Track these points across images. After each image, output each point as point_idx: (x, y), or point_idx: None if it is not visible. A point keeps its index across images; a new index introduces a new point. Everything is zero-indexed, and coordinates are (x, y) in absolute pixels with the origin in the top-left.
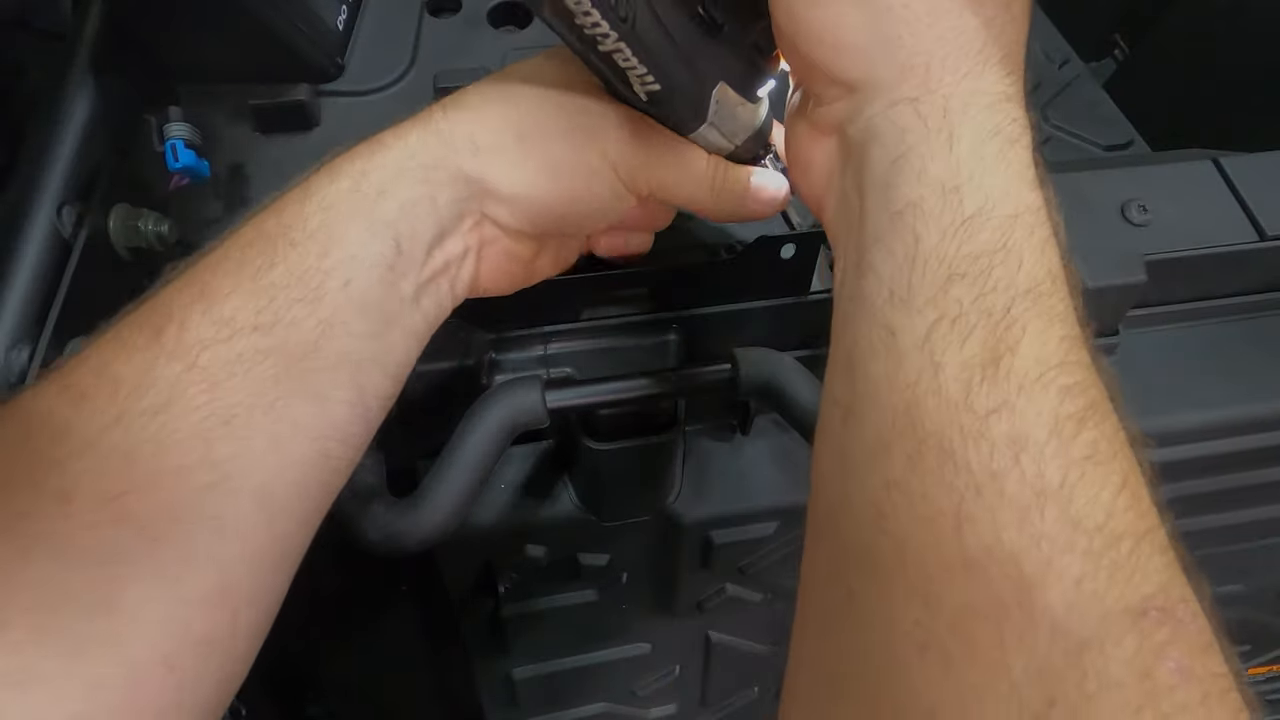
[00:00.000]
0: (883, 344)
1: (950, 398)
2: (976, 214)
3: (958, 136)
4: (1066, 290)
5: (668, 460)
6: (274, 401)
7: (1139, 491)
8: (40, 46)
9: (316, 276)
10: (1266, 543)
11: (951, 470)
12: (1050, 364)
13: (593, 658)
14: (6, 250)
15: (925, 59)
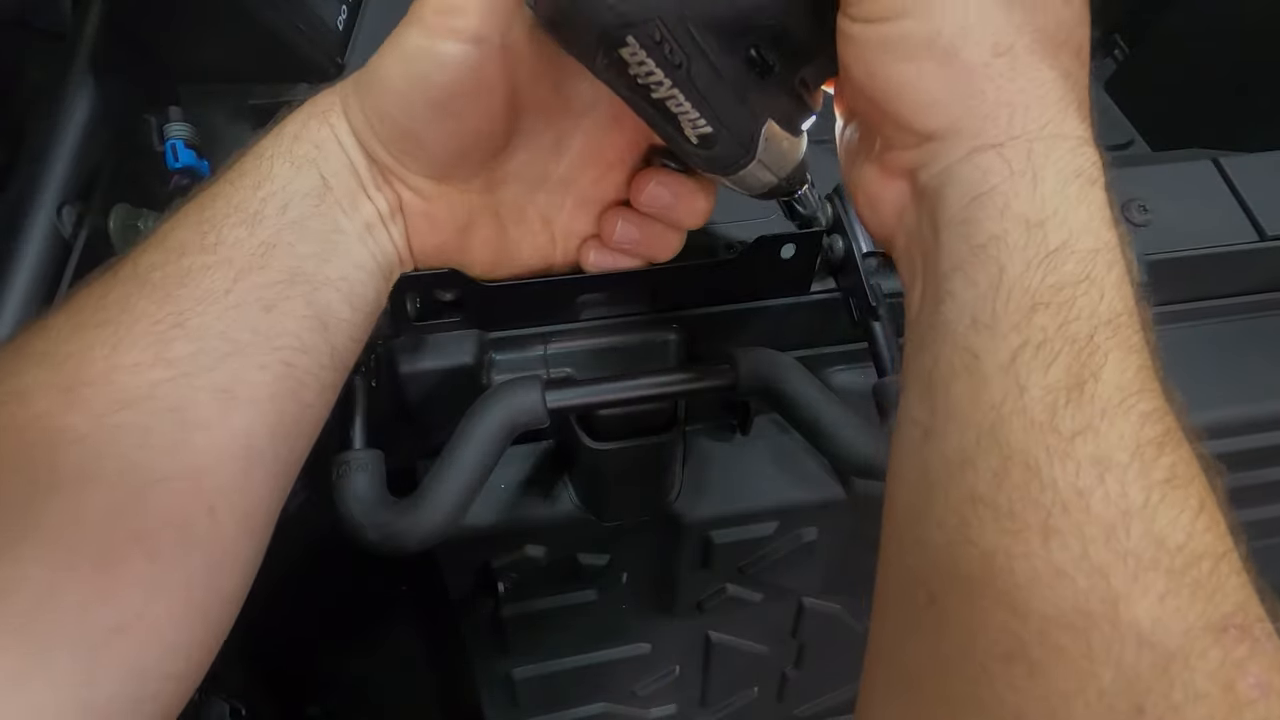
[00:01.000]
0: (965, 367)
1: (1035, 419)
2: (1060, 248)
3: (1042, 177)
4: (1140, 324)
5: (668, 460)
6: (227, 307)
7: (1215, 515)
8: (40, 46)
9: (254, 204)
10: (1266, 543)
11: (1038, 487)
12: (1130, 390)
13: (593, 658)
14: (6, 250)
15: (1009, 109)
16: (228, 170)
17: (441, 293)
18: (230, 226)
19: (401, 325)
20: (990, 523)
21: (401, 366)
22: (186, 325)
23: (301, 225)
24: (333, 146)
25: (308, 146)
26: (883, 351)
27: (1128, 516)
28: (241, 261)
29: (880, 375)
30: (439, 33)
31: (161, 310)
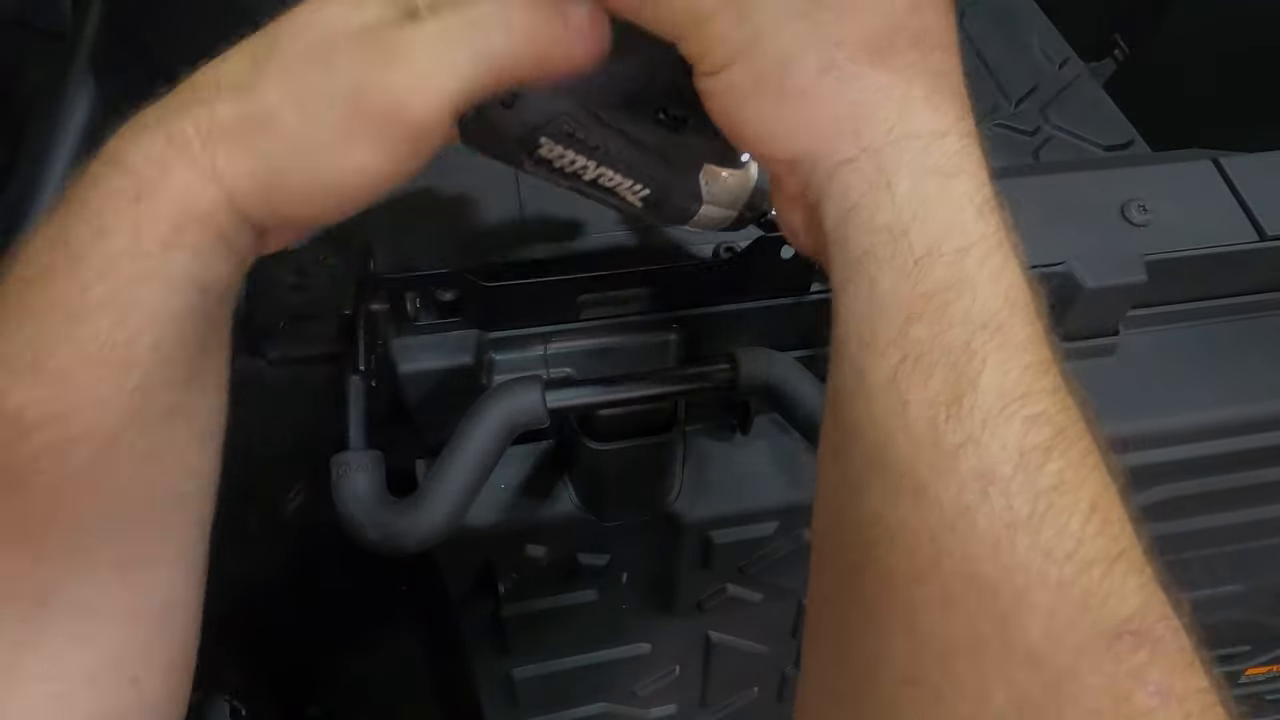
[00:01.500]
0: (856, 386)
1: (918, 436)
2: (927, 254)
3: (896, 184)
4: (1027, 315)
5: (668, 460)
6: (102, 479)
7: (1110, 514)
8: (40, 46)
9: (115, 351)
10: (1266, 543)
11: (926, 507)
12: (1013, 396)
13: (593, 658)
14: (6, 250)
15: (852, 123)
16: (70, 293)
17: (441, 293)
18: (90, 384)
19: (402, 325)
20: (885, 544)
21: (401, 366)
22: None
23: (178, 355)
24: (222, 250)
25: (184, 260)
26: None
27: (1013, 530)
28: (106, 428)
29: None
30: (395, 157)
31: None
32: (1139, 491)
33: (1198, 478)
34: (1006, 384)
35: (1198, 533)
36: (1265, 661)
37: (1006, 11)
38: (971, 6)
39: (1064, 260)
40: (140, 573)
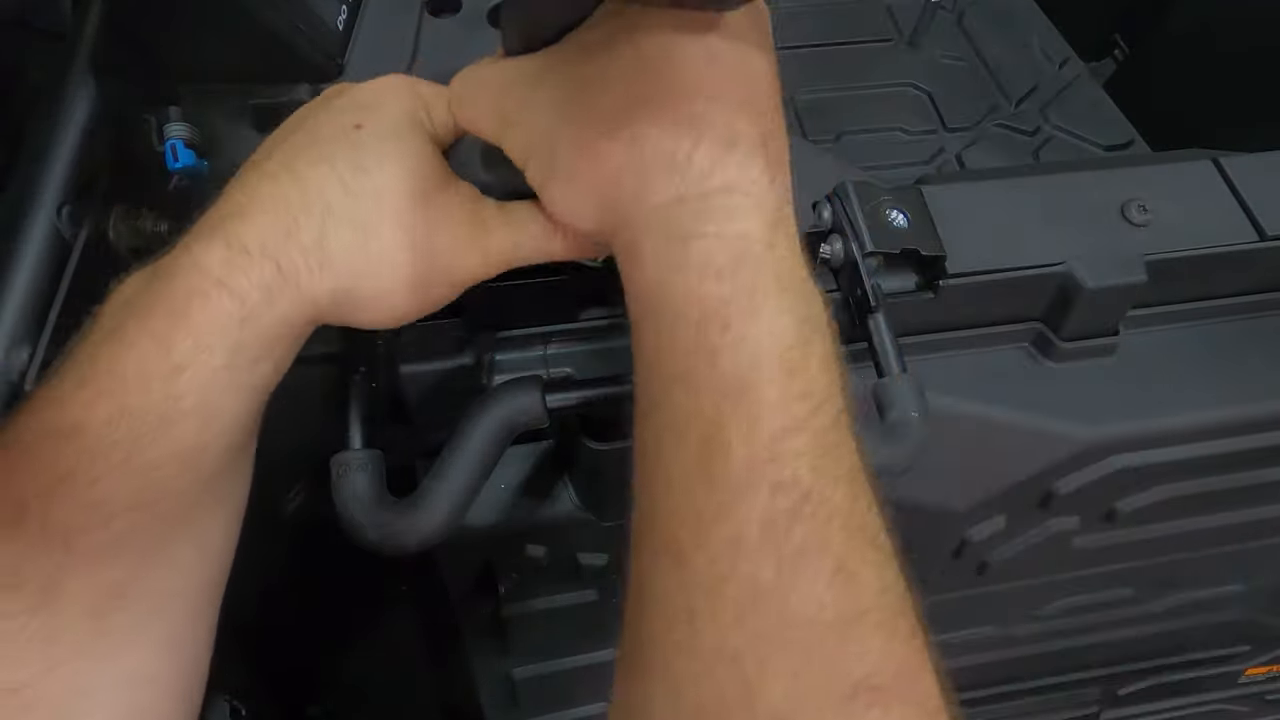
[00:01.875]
0: (637, 450)
1: (677, 504)
2: (675, 320)
3: (644, 255)
4: (777, 374)
5: None
6: (163, 562)
7: (857, 572)
8: (40, 46)
9: (197, 451)
10: (1266, 543)
11: (685, 573)
12: (760, 460)
13: (593, 658)
14: (6, 250)
15: (611, 197)
16: (163, 399)
17: None
18: (168, 478)
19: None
20: (651, 608)
21: (401, 366)
22: (126, 595)
23: (239, 448)
24: (292, 353)
25: (267, 370)
26: (883, 352)
27: (758, 598)
28: (178, 509)
29: (880, 375)
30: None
31: (94, 586)
32: (1139, 491)
33: (1198, 478)
34: (754, 450)
35: (1198, 533)
36: (1265, 661)
37: (1006, 11)
38: (971, 6)
39: (1064, 260)
40: (177, 652)
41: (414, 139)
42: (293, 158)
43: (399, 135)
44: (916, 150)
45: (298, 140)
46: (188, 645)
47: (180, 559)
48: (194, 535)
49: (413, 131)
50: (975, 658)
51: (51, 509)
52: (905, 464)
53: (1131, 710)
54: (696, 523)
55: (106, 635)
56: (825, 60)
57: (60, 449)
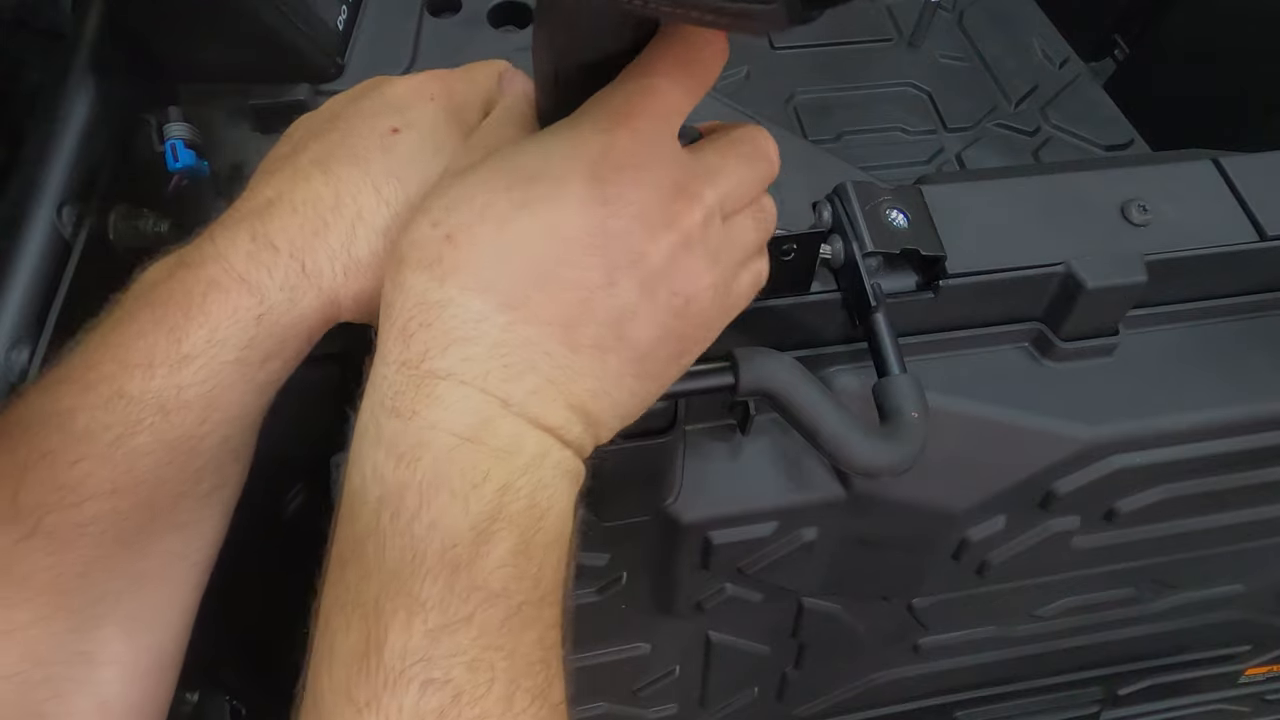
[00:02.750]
0: (314, 616)
1: (338, 688)
2: (354, 494)
3: (362, 422)
4: (439, 570)
5: (668, 460)
6: (138, 547)
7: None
8: (40, 46)
9: (190, 442)
10: (1266, 543)
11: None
12: (413, 659)
13: (593, 658)
14: (6, 250)
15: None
16: (166, 387)
17: None
18: (155, 467)
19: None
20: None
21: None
22: (89, 575)
23: (239, 447)
24: (304, 351)
25: (276, 368)
26: (883, 351)
27: None
28: (162, 501)
29: (880, 375)
30: None
31: (58, 565)
32: (1139, 491)
33: (1198, 478)
34: (409, 646)
35: (1198, 533)
36: (1265, 661)
37: (1006, 11)
38: (971, 6)
39: (1064, 260)
40: (143, 633)
41: (452, 145)
42: (326, 156)
43: (437, 146)
44: (916, 150)
45: (332, 139)
46: (156, 631)
47: (158, 547)
48: (177, 525)
49: (451, 138)
50: (975, 658)
51: (25, 485)
52: (905, 464)
53: (1131, 710)
54: (352, 709)
55: (70, 610)
56: (825, 60)
57: (49, 428)
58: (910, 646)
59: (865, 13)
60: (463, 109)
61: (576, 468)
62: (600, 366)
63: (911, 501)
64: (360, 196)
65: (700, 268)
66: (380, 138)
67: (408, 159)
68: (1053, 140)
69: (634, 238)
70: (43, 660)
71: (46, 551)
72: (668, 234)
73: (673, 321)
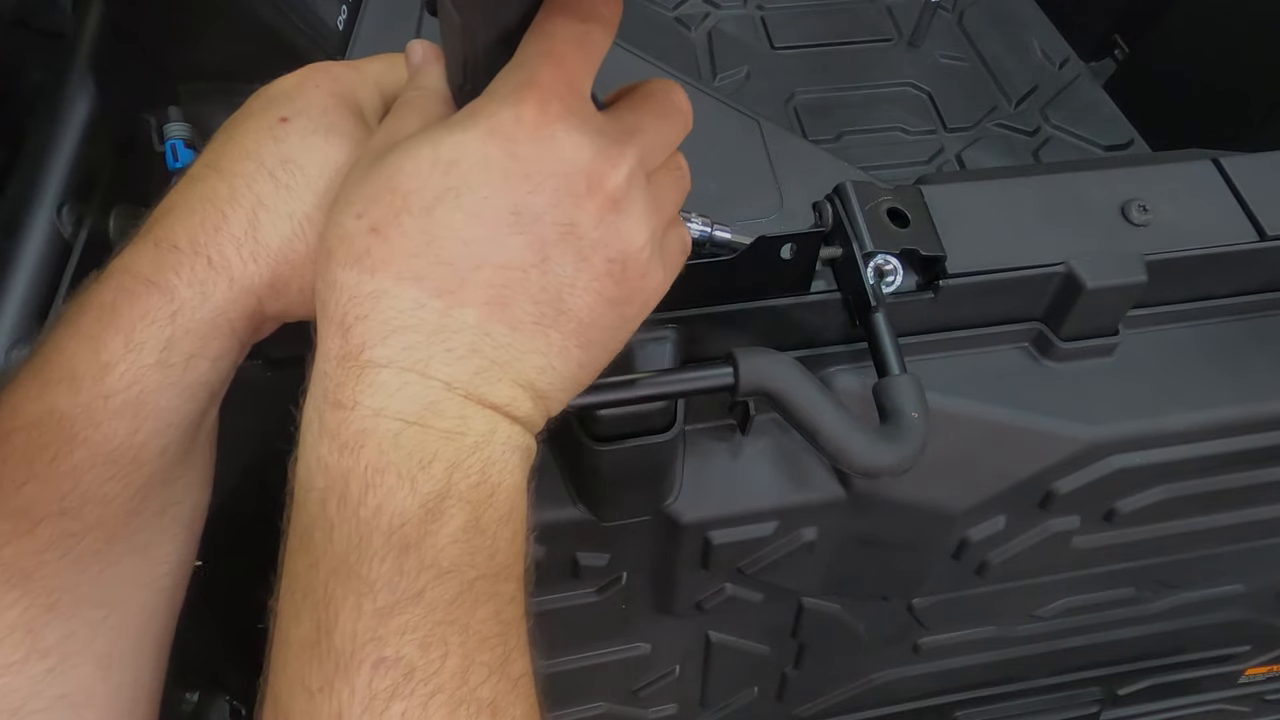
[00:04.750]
0: (273, 605)
1: (292, 675)
2: (301, 485)
3: (306, 417)
4: (385, 550)
5: (668, 460)
6: (99, 572)
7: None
8: (40, 46)
9: (128, 452)
10: (1266, 543)
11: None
12: (363, 639)
13: (593, 658)
14: (6, 250)
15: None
16: (92, 400)
17: None
18: (98, 483)
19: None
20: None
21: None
22: (57, 608)
23: (182, 453)
24: (235, 351)
25: (204, 368)
26: (883, 351)
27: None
28: (113, 519)
29: (880, 375)
30: None
31: (25, 599)
32: (1139, 491)
33: (1197, 478)
34: (359, 628)
35: (1198, 533)
36: (1265, 661)
37: (1006, 11)
38: (971, 6)
39: (1064, 260)
40: (118, 669)
41: (346, 127)
42: (217, 158)
43: (330, 128)
44: (916, 150)
45: (220, 141)
46: (130, 663)
47: (119, 570)
48: (135, 545)
49: (344, 120)
50: (975, 658)
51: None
52: (905, 464)
53: (1131, 710)
54: (306, 697)
55: (40, 653)
56: (825, 60)
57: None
58: (910, 646)
59: (865, 13)
60: (352, 92)
61: (527, 442)
62: (543, 342)
63: (911, 501)
64: (256, 184)
65: (631, 227)
66: (269, 129)
67: (300, 143)
68: (1053, 140)
69: (560, 209)
70: (20, 709)
71: (10, 585)
72: (593, 199)
73: (612, 287)
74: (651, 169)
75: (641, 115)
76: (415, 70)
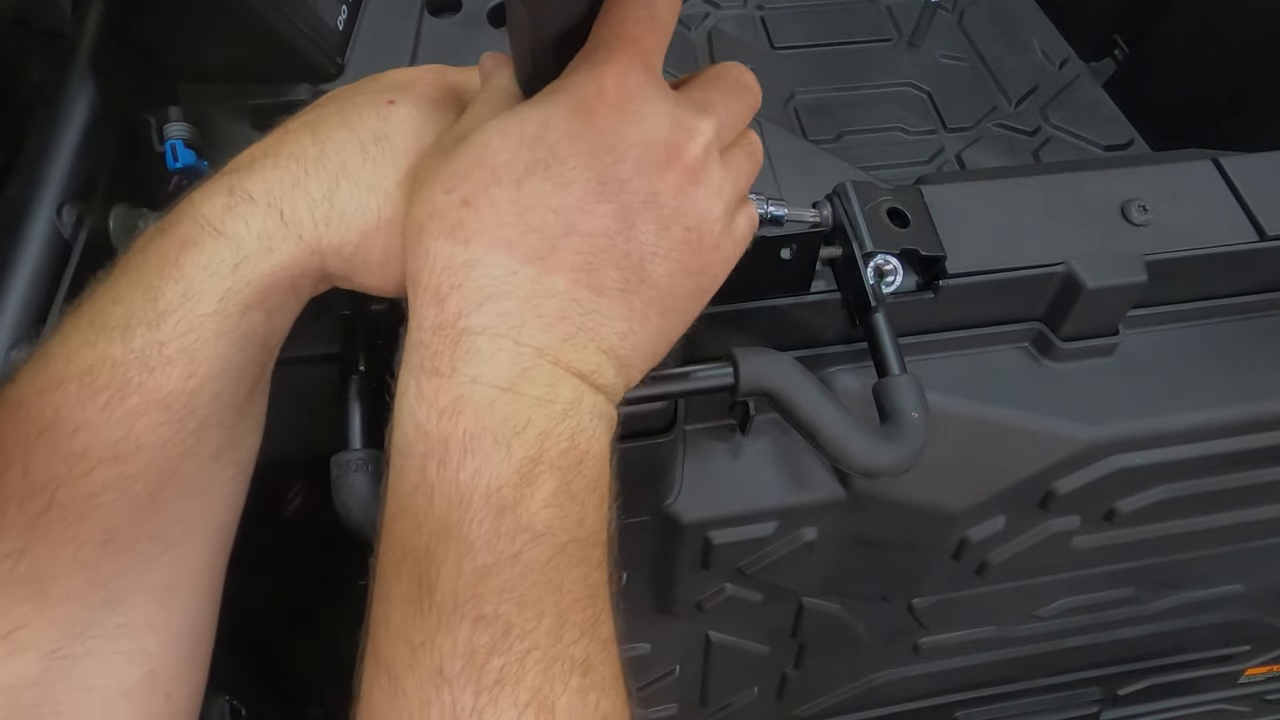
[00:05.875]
0: (373, 566)
1: (394, 630)
2: (399, 451)
3: (402, 386)
4: (485, 512)
5: (668, 460)
6: (153, 511)
7: (548, 701)
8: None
9: (181, 398)
10: (1266, 543)
11: (397, 695)
12: (464, 597)
13: None
14: (6, 250)
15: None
16: (146, 346)
17: None
18: (151, 427)
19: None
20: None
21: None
22: (113, 543)
23: (234, 401)
24: (292, 305)
25: (258, 320)
26: (883, 351)
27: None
28: (166, 463)
29: (880, 375)
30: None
31: (80, 535)
32: (1139, 491)
33: (1198, 478)
34: (460, 585)
35: (1198, 533)
36: (1265, 661)
37: (1006, 11)
38: (971, 6)
39: (1064, 260)
40: (177, 599)
41: (446, 117)
42: (315, 120)
43: (431, 119)
44: (916, 150)
45: (326, 109)
46: (187, 595)
47: (175, 512)
48: (191, 490)
49: (445, 114)
50: (975, 658)
51: (33, 461)
52: (905, 464)
53: (1131, 710)
54: (408, 650)
55: (98, 583)
56: (825, 60)
57: (44, 402)
58: (910, 646)
59: (865, 13)
60: (462, 90)
61: (610, 412)
62: (627, 308)
63: (911, 501)
64: (345, 152)
65: (708, 199)
66: (375, 108)
67: (399, 124)
68: (1053, 140)
69: (643, 179)
70: (82, 634)
71: (65, 524)
72: (672, 169)
73: (689, 257)
74: (725, 144)
75: (712, 93)
76: (487, 74)
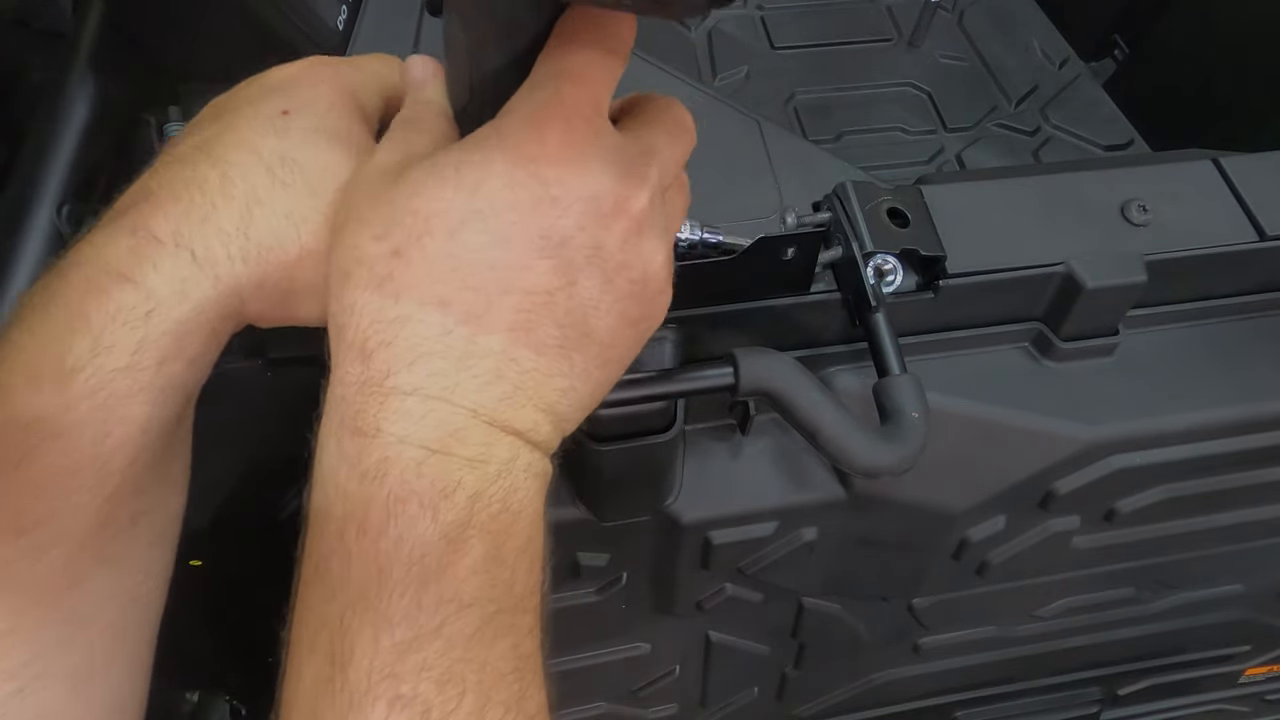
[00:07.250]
0: (286, 633)
1: (306, 711)
2: (317, 513)
3: (323, 442)
4: (406, 584)
5: (668, 460)
6: (67, 588)
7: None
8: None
9: (94, 464)
10: (1266, 543)
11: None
12: (379, 676)
13: (593, 658)
14: (6, 250)
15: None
16: (52, 407)
17: None
18: (62, 494)
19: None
20: None
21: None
22: (18, 631)
23: (155, 459)
24: (212, 350)
25: (178, 370)
26: (883, 351)
27: None
28: (78, 532)
29: (880, 375)
30: None
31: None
32: (1139, 491)
33: (1198, 478)
34: (376, 664)
35: (1198, 533)
36: (1265, 661)
37: (1006, 11)
38: (971, 6)
39: (1064, 260)
40: (92, 685)
41: (349, 127)
42: (208, 142)
43: (334, 130)
44: (916, 150)
45: (215, 128)
46: (104, 680)
47: (89, 585)
48: (105, 557)
49: (348, 119)
50: (975, 658)
51: None
52: (905, 464)
53: (1131, 710)
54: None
55: (6, 674)
56: (825, 60)
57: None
58: (910, 646)
59: (865, 13)
60: (356, 92)
61: (545, 468)
62: (567, 365)
63: (911, 501)
64: (250, 177)
65: (653, 247)
66: (269, 120)
67: (302, 141)
68: (1053, 140)
69: (587, 232)
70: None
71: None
72: (619, 221)
73: (633, 307)
74: (666, 186)
75: (658, 136)
76: (417, 85)
